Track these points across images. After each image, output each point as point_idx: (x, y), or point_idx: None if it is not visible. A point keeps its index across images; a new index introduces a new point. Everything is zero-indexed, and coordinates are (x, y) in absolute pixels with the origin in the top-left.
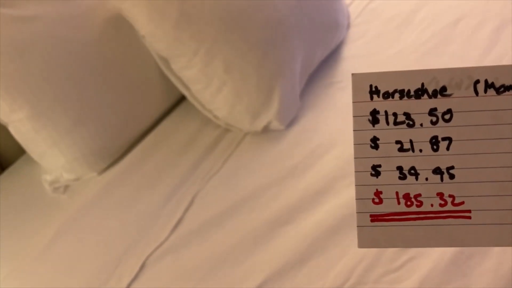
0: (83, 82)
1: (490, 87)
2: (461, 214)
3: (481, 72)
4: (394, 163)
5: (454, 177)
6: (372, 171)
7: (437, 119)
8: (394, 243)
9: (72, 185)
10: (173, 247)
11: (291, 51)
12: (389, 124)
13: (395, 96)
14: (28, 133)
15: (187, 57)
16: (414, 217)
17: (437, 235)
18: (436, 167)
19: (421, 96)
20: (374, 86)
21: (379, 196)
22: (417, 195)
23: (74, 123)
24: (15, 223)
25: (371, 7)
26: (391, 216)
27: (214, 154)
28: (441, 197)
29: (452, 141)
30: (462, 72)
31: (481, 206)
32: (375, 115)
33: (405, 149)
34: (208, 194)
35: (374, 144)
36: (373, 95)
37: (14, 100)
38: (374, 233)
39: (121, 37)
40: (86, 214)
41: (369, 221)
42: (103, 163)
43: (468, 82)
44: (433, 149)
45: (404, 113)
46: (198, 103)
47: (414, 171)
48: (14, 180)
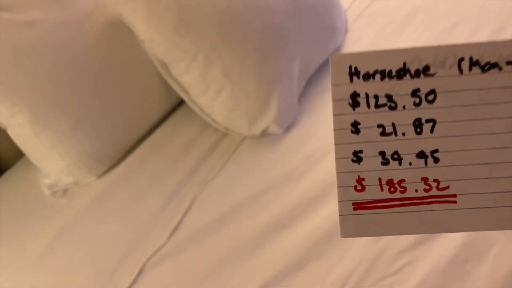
0: (82, 86)
1: (475, 65)
2: (447, 199)
3: (465, 49)
4: (376, 148)
5: (438, 161)
6: (353, 157)
7: (420, 101)
8: (378, 231)
9: (71, 188)
10: (172, 252)
11: (289, 56)
12: (370, 107)
13: (376, 77)
14: (27, 137)
15: (186, 62)
16: (398, 203)
17: (423, 222)
18: (420, 151)
19: (403, 76)
20: (354, 67)
21: (361, 183)
22: (401, 180)
23: (73, 127)
24: (14, 227)
25: (369, 12)
26: (375, 204)
27: (212, 158)
28: (425, 182)
29: (436, 123)
30: (446, 49)
31: (467, 190)
32: (356, 98)
33: (388, 133)
34: (207, 198)
35: (355, 129)
36: (353, 77)
37: (14, 104)
38: (358, 221)
39: (120, 41)
40: (84, 219)
41: (352, 209)
42: (102, 167)
43: (452, 60)
44: (417, 132)
45: (385, 95)
46: (197, 107)
47: (397, 155)
48: (12, 184)
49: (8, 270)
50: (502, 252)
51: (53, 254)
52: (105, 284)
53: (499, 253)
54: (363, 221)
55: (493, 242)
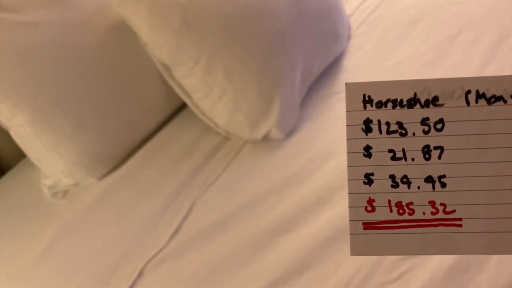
0: (85, 87)
1: (481, 97)
2: (452, 222)
3: (472, 83)
4: (387, 171)
5: (445, 186)
6: (365, 179)
7: (429, 128)
8: (386, 250)
9: (71, 190)
10: (171, 255)
11: (291, 61)
12: (382, 133)
13: (388, 106)
14: (28, 137)
15: (188, 65)
16: (406, 225)
17: (429, 243)
18: (428, 175)
19: (414, 106)
20: (368, 95)
21: (372, 204)
22: (409, 203)
23: (74, 128)
24: (13, 228)
25: (372, 18)
26: (384, 224)
27: (213, 161)
28: (432, 205)
29: (444, 150)
30: (454, 82)
31: (472, 214)
32: (368, 124)
33: (398, 158)
34: (207, 202)
35: (367, 153)
36: (366, 104)
37: (16, 104)
38: (367, 241)
39: (123, 43)
40: (84, 220)
41: (362, 229)
42: (103, 168)
43: (460, 92)
44: (425, 158)
45: (396, 122)
46: (198, 110)
47: (406, 179)
48: (13, 184)
49: (7, 270)
50: (503, 260)
51: (52, 255)
52: (104, 286)
53: (499, 262)
54: (372, 241)
55: None
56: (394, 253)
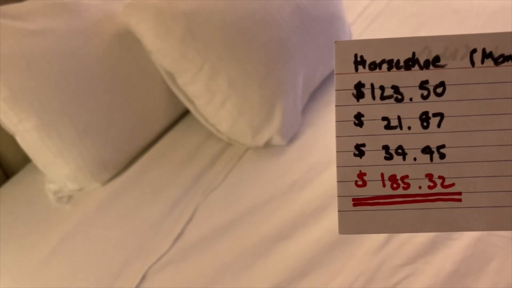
0: (90, 94)
1: (488, 57)
2: (451, 197)
3: (478, 40)
4: (380, 141)
5: (444, 157)
6: (355, 151)
7: (429, 93)
8: (378, 229)
9: (75, 195)
10: (174, 260)
11: (293, 69)
12: (375, 98)
13: (382, 67)
14: (34, 142)
15: (192, 72)
16: (400, 200)
17: (425, 220)
18: (426, 146)
19: (412, 67)
20: (360, 55)
21: (363, 178)
22: (404, 176)
23: (79, 135)
24: (18, 232)
25: (373, 27)
26: (376, 200)
27: (216, 167)
28: (430, 179)
29: (444, 117)
30: (458, 40)
31: (473, 188)
32: (360, 89)
33: (392, 127)
34: (209, 208)
35: (358, 121)
36: (358, 66)
37: (22, 110)
38: (357, 218)
39: (128, 51)
40: (88, 225)
41: (352, 205)
42: (107, 174)
43: (464, 52)
44: (423, 126)
45: (392, 86)
46: (201, 117)
47: (401, 150)
48: (18, 189)
49: (11, 273)
50: (502, 266)
51: (56, 259)
52: None
53: (499, 268)
54: (363, 218)
55: (492, 257)
56: (387, 231)
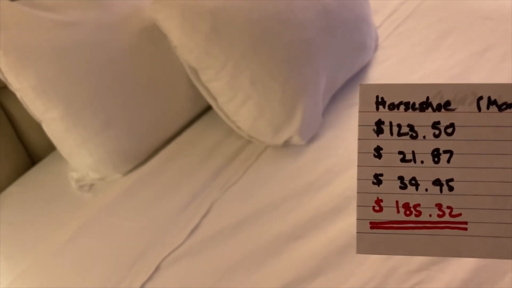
0: (116, 87)
1: (492, 104)
2: (458, 226)
3: (484, 89)
4: (396, 172)
5: (453, 189)
6: (374, 179)
7: (440, 132)
8: (391, 250)
9: (96, 184)
10: (188, 252)
11: (316, 70)
12: (393, 134)
13: (400, 108)
14: (59, 131)
15: (216, 69)
16: (412, 226)
17: (434, 245)
18: (436, 178)
19: (426, 109)
20: (381, 97)
21: (380, 204)
22: (417, 205)
23: (103, 125)
24: (40, 217)
25: (400, 30)
26: (390, 224)
27: (234, 164)
28: (439, 208)
29: (453, 154)
30: (467, 88)
31: (477, 218)
32: (380, 125)
33: (407, 160)
34: (226, 203)
35: (378, 153)
36: (379, 106)
37: (49, 99)
38: (373, 240)
39: (154, 46)
40: (107, 214)
41: (369, 228)
42: (128, 165)
43: (472, 98)
44: (434, 161)
45: (408, 125)
46: (223, 113)
47: (414, 181)
48: (43, 175)
49: (31, 258)
50: None
51: (74, 245)
52: (122, 279)
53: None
54: (378, 240)
55: (507, 269)
56: (399, 253)
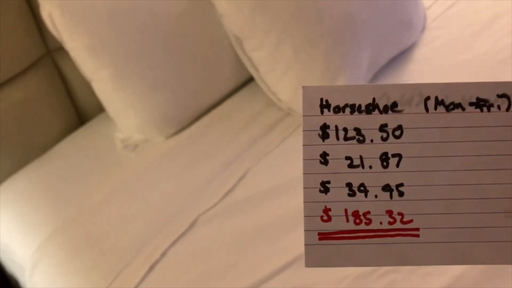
0: (163, 52)
1: (440, 104)
2: (410, 232)
3: (431, 89)
4: (344, 179)
5: (403, 195)
6: (321, 188)
7: (388, 135)
8: (342, 262)
9: (140, 145)
10: (222, 213)
11: (359, 45)
12: (339, 139)
13: (346, 111)
14: (108, 91)
15: (259, 38)
16: (363, 235)
17: (386, 254)
18: (386, 184)
19: (372, 112)
20: (325, 99)
21: (328, 214)
22: (366, 212)
23: (150, 88)
24: (85, 172)
25: (451, 12)
26: (340, 234)
27: (272, 134)
28: (390, 215)
29: (402, 157)
30: (413, 88)
31: (429, 224)
32: (326, 130)
33: (355, 165)
34: (260, 171)
35: (324, 160)
36: (323, 109)
37: (100, 59)
38: (323, 251)
39: (201, 14)
40: (148, 173)
41: (317, 239)
42: (171, 129)
43: (419, 99)
44: (383, 166)
45: (354, 129)
46: (264, 84)
47: (363, 188)
48: (90, 135)
49: (77, 207)
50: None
51: (115, 199)
52: (157, 233)
53: None
54: (328, 252)
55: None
56: (350, 264)
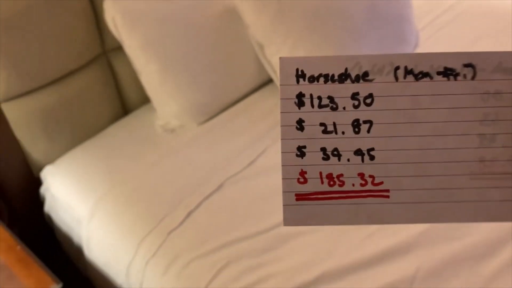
0: (201, 52)
1: (409, 73)
2: (380, 194)
3: (401, 59)
4: (318, 144)
5: (374, 158)
6: (297, 152)
7: (359, 103)
8: (318, 221)
9: (177, 129)
10: (244, 177)
11: (360, 53)
12: (314, 107)
13: (320, 80)
14: (154, 83)
15: (277, 44)
16: (336, 196)
17: (358, 214)
18: (358, 148)
19: (345, 81)
20: (301, 70)
21: (304, 176)
22: (340, 175)
23: (189, 82)
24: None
25: (439, 34)
26: (315, 195)
27: None
28: (362, 177)
29: (373, 124)
30: (384, 58)
31: (399, 186)
32: (301, 98)
33: (329, 131)
34: (275, 150)
35: (300, 126)
36: (299, 79)
37: (150, 55)
38: (300, 211)
39: (232, 23)
40: (184, 148)
41: (295, 200)
42: (203, 116)
43: (389, 68)
44: (355, 132)
45: (328, 97)
46: None
47: (337, 152)
48: (134, 121)
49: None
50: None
51: (159, 166)
52: (193, 191)
53: None
54: (304, 211)
55: None
56: (325, 223)
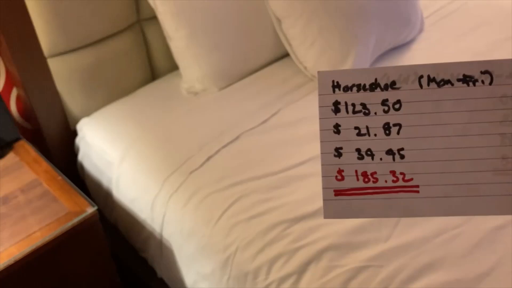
0: (225, 23)
1: (432, 81)
2: (411, 189)
3: (424, 69)
4: (353, 145)
5: (404, 157)
6: (335, 153)
7: (389, 108)
8: (354, 214)
9: (200, 93)
10: (258, 132)
11: (367, 30)
12: (348, 113)
13: (353, 90)
14: (182, 47)
15: (294, 18)
16: (371, 191)
17: (391, 207)
18: (389, 149)
19: (375, 89)
20: (336, 81)
21: (341, 174)
22: (373, 172)
23: (213, 48)
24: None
25: (443, 21)
26: (352, 191)
27: (298, 91)
28: (393, 174)
29: (402, 126)
30: (409, 69)
31: (427, 181)
32: (337, 106)
33: (362, 134)
34: (287, 111)
35: (336, 130)
36: (335, 89)
37: (180, 22)
38: (338, 205)
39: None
40: (205, 107)
41: (333, 195)
42: (224, 82)
43: (414, 77)
44: (386, 134)
45: (361, 104)
46: (295, 56)
47: (370, 152)
48: (161, 85)
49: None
50: None
51: (184, 118)
52: (213, 140)
53: None
54: (342, 205)
55: None
56: (362, 216)
